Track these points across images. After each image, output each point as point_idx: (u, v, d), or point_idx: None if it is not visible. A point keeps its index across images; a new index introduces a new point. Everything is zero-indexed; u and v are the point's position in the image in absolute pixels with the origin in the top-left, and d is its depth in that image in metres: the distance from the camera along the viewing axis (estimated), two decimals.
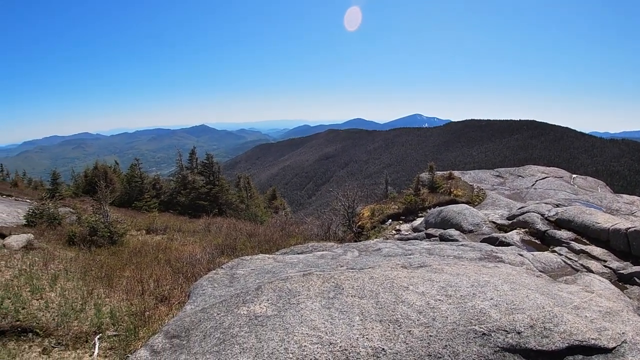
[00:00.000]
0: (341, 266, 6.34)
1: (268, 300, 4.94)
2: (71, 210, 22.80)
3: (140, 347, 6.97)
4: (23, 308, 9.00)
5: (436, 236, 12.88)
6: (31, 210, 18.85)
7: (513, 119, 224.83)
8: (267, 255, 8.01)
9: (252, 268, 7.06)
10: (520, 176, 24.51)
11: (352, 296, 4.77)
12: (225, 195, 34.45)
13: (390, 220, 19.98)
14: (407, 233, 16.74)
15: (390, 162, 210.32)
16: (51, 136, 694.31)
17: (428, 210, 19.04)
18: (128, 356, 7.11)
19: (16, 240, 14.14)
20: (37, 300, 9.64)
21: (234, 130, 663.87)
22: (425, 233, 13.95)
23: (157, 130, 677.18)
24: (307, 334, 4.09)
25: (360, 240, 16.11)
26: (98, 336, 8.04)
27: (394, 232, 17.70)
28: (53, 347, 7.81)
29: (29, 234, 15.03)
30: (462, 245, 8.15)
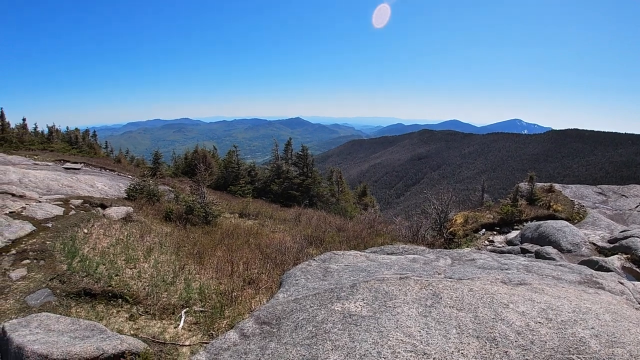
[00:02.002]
0: (438, 274, 6.12)
1: (363, 300, 4.87)
2: (170, 188, 24.24)
3: (230, 329, 7.00)
4: (116, 275, 9.51)
5: (532, 252, 12.43)
6: (132, 186, 20.28)
7: (618, 131, 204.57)
8: (359, 253, 7.78)
9: (345, 264, 6.97)
10: (624, 195, 22.80)
11: (450, 307, 4.62)
12: (317, 188, 34.82)
13: (483, 229, 19.21)
14: (500, 245, 16.18)
15: (485, 168, 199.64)
16: (154, 119, 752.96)
17: (525, 224, 18.26)
18: (212, 333, 7.17)
19: (116, 211, 15.15)
20: (131, 269, 10.16)
21: (327, 125, 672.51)
22: (521, 247, 13.55)
23: (254, 120, 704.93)
24: (401, 340, 3.97)
25: (451, 248, 15.57)
26: (185, 310, 8.22)
27: (486, 242, 17.12)
28: (140, 314, 8.11)
29: (129, 207, 16.06)
30: (560, 265, 7.44)
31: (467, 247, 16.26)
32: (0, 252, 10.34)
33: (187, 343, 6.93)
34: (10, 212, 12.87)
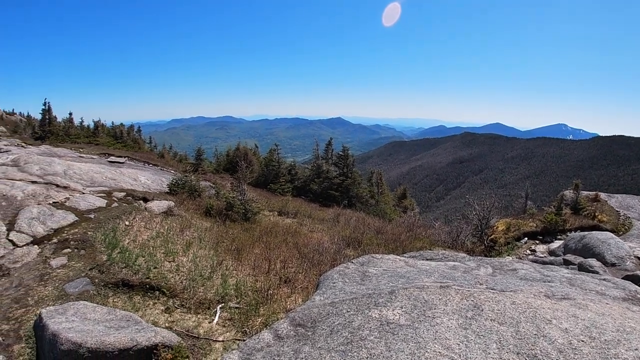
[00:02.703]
0: (480, 284, 5.95)
1: (402, 308, 4.78)
2: (211, 184, 24.61)
3: (264, 327, 6.95)
4: (155, 267, 9.64)
5: (575, 264, 11.91)
6: (174, 180, 20.69)
7: None
8: (398, 257, 7.63)
9: (384, 268, 6.85)
10: None
11: (491, 320, 4.50)
12: (357, 189, 34.63)
13: (525, 238, 18.62)
14: (542, 255, 15.64)
15: (529, 173, 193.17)
16: (197, 116, 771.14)
17: (568, 234, 17.59)
18: (246, 330, 7.13)
19: (157, 205, 15.43)
20: (169, 262, 10.29)
21: (368, 125, 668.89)
22: (563, 259, 13.06)
23: (295, 119, 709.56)
24: (439, 352, 3.88)
25: (492, 255, 15.16)
26: (220, 305, 8.24)
27: (528, 252, 16.64)
28: (176, 307, 8.19)
29: (170, 201, 16.35)
30: (604, 279, 7.06)
31: (509, 255, 15.96)
32: (43, 240, 10.72)
33: (220, 339, 6.93)
34: (54, 202, 13.32)
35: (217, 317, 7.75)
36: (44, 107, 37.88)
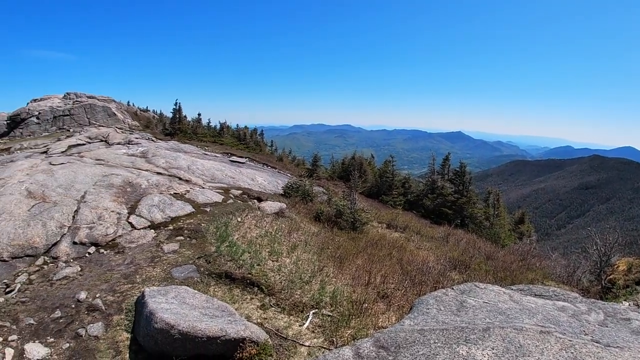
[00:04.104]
0: (585, 334, 5.42)
1: (493, 349, 4.49)
2: (324, 190, 25.11)
3: (352, 340, 6.88)
4: (258, 264, 10.03)
5: None
6: (289, 184, 21.48)
7: None
8: (503, 290, 7.11)
9: (484, 300, 6.46)
10: None
11: None
12: (471, 208, 33.02)
13: None
14: None
15: None
16: (317, 124, 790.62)
17: None
18: (333, 340, 7.09)
19: (270, 206, 16.06)
20: (273, 261, 10.64)
21: (490, 141, 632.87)
22: None
23: (414, 131, 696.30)
24: None
25: (607, 298, 13.51)
26: (314, 311, 8.31)
27: None
28: (271, 306, 8.43)
29: (282, 203, 16.94)
30: None
31: (626, 301, 14.14)
32: (159, 226, 11.74)
33: (307, 343, 6.98)
34: (174, 193, 14.52)
35: (308, 321, 7.83)
36: (175, 106, 41.81)
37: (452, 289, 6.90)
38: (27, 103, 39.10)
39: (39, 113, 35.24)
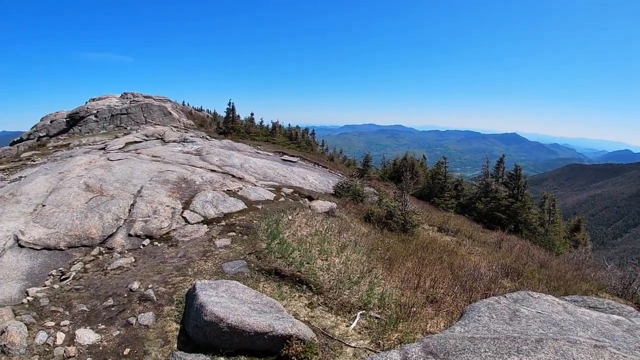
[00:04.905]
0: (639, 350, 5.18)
1: None
2: (375, 191, 24.99)
3: (398, 344, 6.81)
4: (307, 263, 10.11)
5: None
6: (340, 183, 21.53)
7: None
8: (557, 300, 6.85)
9: (537, 310, 6.26)
10: None
11: None
12: (526, 213, 31.82)
13: None
14: None
15: None
16: (369, 124, 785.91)
17: None
18: (380, 342, 7.04)
19: (320, 205, 16.15)
20: (322, 260, 10.70)
21: (546, 144, 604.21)
22: None
23: (467, 132, 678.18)
24: None
25: None
26: (361, 312, 8.28)
27: None
28: (319, 304, 8.48)
29: (333, 203, 17.00)
30: None
31: None
32: (212, 222, 12.08)
33: (353, 344, 6.97)
34: (227, 190, 14.88)
35: (355, 322, 7.81)
36: (228, 106, 42.86)
37: (505, 297, 6.72)
38: (86, 102, 41.25)
39: (97, 111, 36.94)
